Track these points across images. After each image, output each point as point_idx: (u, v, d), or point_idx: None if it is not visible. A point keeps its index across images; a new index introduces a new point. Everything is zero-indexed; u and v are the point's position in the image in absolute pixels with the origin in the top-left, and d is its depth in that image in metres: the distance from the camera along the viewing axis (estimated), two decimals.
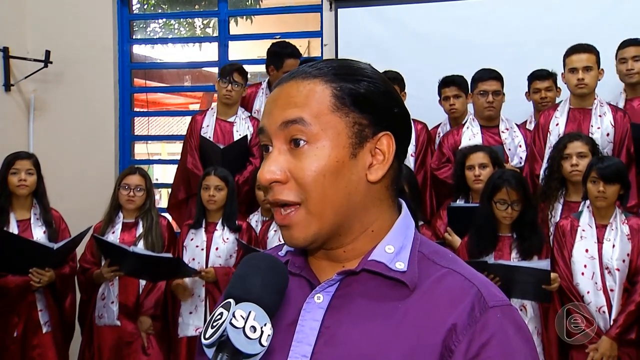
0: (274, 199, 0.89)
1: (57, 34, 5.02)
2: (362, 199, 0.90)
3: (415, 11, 4.73)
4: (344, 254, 0.93)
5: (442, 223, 3.56)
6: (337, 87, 0.89)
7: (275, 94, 0.92)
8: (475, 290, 0.87)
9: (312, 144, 0.88)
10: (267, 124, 0.91)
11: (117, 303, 3.50)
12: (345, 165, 0.88)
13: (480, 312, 0.85)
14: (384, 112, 0.92)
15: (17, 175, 3.41)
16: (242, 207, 3.94)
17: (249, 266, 0.87)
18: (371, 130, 0.90)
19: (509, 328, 0.85)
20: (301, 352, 0.88)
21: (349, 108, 0.89)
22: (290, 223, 0.89)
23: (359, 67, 0.94)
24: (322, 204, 0.88)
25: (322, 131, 0.88)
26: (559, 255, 3.09)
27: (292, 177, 0.88)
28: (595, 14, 4.38)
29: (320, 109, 0.88)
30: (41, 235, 3.46)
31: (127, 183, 3.55)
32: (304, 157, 0.88)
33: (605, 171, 2.99)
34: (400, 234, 0.93)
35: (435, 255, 0.93)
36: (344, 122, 0.89)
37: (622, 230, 3.03)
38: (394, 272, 0.89)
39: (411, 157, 3.89)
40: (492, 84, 3.76)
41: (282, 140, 0.89)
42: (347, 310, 0.89)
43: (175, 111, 8.59)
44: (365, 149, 0.90)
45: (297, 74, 0.92)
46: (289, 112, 0.88)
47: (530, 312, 3.04)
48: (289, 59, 4.23)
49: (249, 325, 0.78)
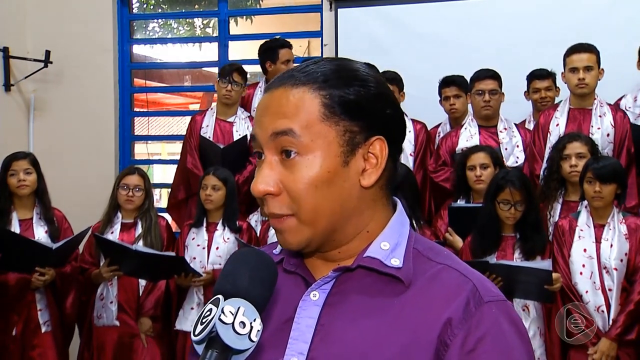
0: (269, 212, 0.90)
1: (57, 34, 5.02)
2: (356, 203, 0.90)
3: (415, 11, 4.73)
4: (339, 254, 0.93)
5: (443, 223, 3.56)
6: (326, 95, 0.88)
7: (266, 101, 0.91)
8: (471, 285, 0.88)
9: (303, 155, 0.87)
10: (259, 132, 0.90)
11: (116, 303, 3.50)
12: (338, 174, 0.88)
13: (475, 307, 0.85)
14: (375, 116, 0.91)
15: (16, 176, 3.41)
16: (242, 207, 3.94)
17: (237, 262, 0.86)
18: (363, 136, 0.89)
19: (504, 323, 0.86)
20: (297, 350, 0.88)
21: (339, 116, 0.88)
22: (282, 228, 0.90)
23: (351, 69, 0.92)
24: (314, 213, 0.88)
25: (313, 142, 0.87)
26: (559, 254, 3.09)
27: (284, 189, 0.88)
28: (595, 14, 4.38)
29: (310, 119, 0.87)
30: (43, 234, 3.46)
31: (126, 183, 3.55)
32: (295, 169, 0.87)
33: (601, 171, 3.00)
34: (395, 231, 0.93)
35: (430, 252, 0.93)
36: (334, 131, 0.88)
37: (620, 229, 3.03)
38: (389, 268, 0.89)
39: (410, 157, 3.89)
40: (489, 83, 3.76)
41: (273, 151, 0.89)
42: (343, 307, 0.89)
43: (175, 111, 8.59)
44: (357, 156, 0.89)
45: (286, 80, 0.91)
46: (278, 122, 0.88)
47: (533, 313, 3.04)
48: (282, 49, 4.28)
49: (238, 321, 0.78)
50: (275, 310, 0.92)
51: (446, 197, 3.73)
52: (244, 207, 3.96)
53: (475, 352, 0.83)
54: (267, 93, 0.92)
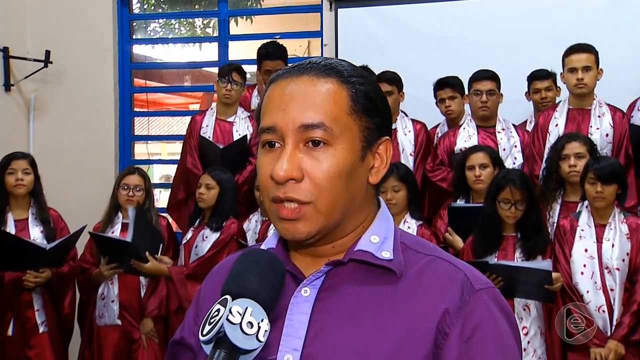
0: (286, 196, 0.88)
1: (57, 34, 5.02)
2: (362, 199, 0.94)
3: (415, 11, 4.73)
4: (332, 249, 0.94)
5: (443, 223, 3.56)
6: (353, 89, 0.91)
7: (287, 88, 0.90)
8: (462, 274, 0.91)
9: (331, 146, 0.89)
10: (281, 122, 0.89)
11: (117, 302, 3.50)
12: (356, 167, 0.91)
13: (468, 296, 0.88)
14: (385, 117, 0.95)
15: (14, 175, 3.42)
16: (242, 207, 3.93)
17: (245, 262, 0.87)
18: (375, 135, 0.93)
19: (495, 309, 0.89)
20: (292, 346, 0.88)
21: (362, 112, 0.91)
22: (299, 216, 0.89)
23: (359, 69, 0.96)
24: (332, 204, 0.89)
25: (341, 134, 0.89)
26: (560, 254, 3.09)
27: (307, 176, 0.88)
28: (595, 14, 4.37)
29: (339, 111, 0.89)
30: (38, 234, 3.46)
31: (127, 183, 3.56)
32: (323, 158, 0.88)
33: (602, 172, 3.00)
34: (382, 225, 0.96)
35: (417, 245, 0.96)
36: (357, 126, 0.91)
37: (621, 229, 3.03)
38: (381, 261, 0.91)
39: (410, 157, 3.89)
40: (486, 83, 3.75)
41: (298, 139, 0.89)
42: (335, 302, 0.90)
43: (175, 111, 8.57)
44: (370, 153, 0.93)
45: (308, 70, 0.91)
46: (309, 114, 0.88)
47: (534, 313, 3.05)
48: (266, 60, 4.17)
49: (246, 321, 0.79)
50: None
51: (443, 197, 3.73)
52: (244, 207, 3.95)
53: (472, 340, 0.86)
54: (284, 80, 0.91)
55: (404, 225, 3.32)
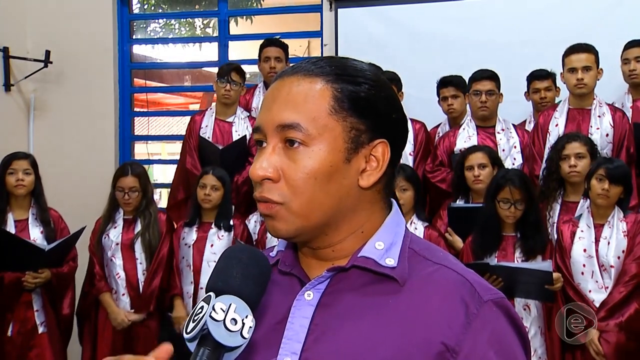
0: (261, 196, 0.89)
1: (57, 34, 5.02)
2: (353, 202, 0.90)
3: (415, 11, 4.73)
4: (333, 253, 0.93)
5: (443, 223, 3.55)
6: (339, 88, 0.88)
7: (275, 89, 0.91)
8: (469, 285, 0.88)
9: (307, 147, 0.87)
10: (264, 121, 0.90)
11: (127, 295, 3.56)
12: (339, 169, 0.88)
13: (477, 308, 0.85)
14: (382, 118, 0.91)
15: (15, 175, 3.41)
16: (242, 207, 3.94)
17: (228, 258, 0.86)
18: (368, 137, 0.90)
19: (505, 321, 0.87)
20: (291, 349, 0.88)
21: (348, 112, 0.88)
22: (271, 213, 0.89)
23: (361, 69, 0.93)
24: (308, 205, 0.88)
25: (319, 134, 0.87)
26: (561, 254, 3.09)
27: (283, 177, 0.88)
28: (595, 14, 4.37)
29: (319, 111, 0.87)
30: (38, 235, 3.46)
31: (121, 186, 3.57)
32: (298, 158, 0.87)
33: (614, 172, 2.99)
34: (390, 231, 0.93)
35: (427, 252, 0.93)
36: (341, 126, 0.88)
37: (619, 227, 3.02)
38: (383, 268, 0.89)
39: (410, 157, 3.89)
40: (486, 83, 3.75)
41: (277, 139, 0.89)
42: (337, 307, 0.89)
43: (175, 111, 8.58)
44: (360, 155, 0.89)
45: (299, 70, 0.91)
46: (286, 114, 0.87)
47: (534, 312, 3.05)
48: (266, 47, 4.29)
49: (230, 318, 0.78)
50: (269, 311, 0.91)
51: (443, 197, 3.72)
52: (243, 207, 3.96)
53: (485, 357, 0.83)
54: (278, 81, 0.92)
55: (411, 226, 3.32)
